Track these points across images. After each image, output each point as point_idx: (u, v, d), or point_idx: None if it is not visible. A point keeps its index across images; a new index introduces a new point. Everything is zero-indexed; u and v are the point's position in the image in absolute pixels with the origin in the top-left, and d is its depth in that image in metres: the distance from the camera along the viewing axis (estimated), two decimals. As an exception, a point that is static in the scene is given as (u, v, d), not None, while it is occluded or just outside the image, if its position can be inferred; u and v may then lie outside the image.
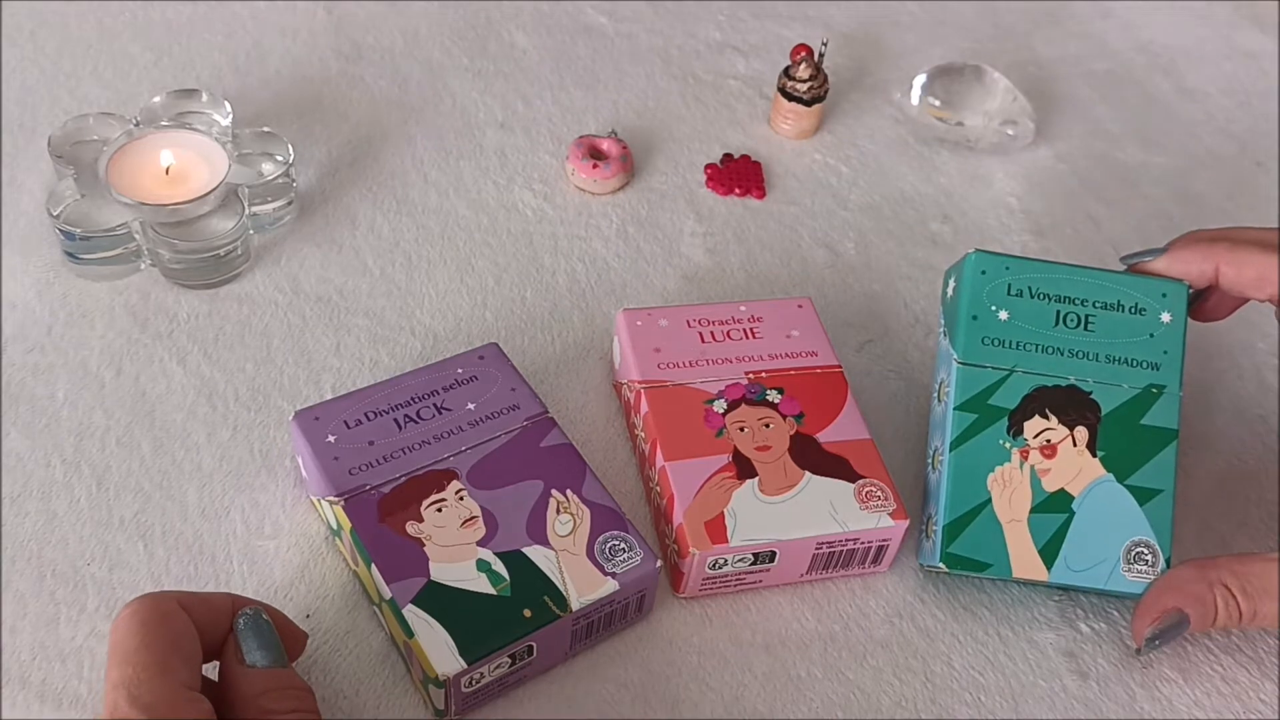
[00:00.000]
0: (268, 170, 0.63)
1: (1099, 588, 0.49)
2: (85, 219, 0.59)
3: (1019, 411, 0.51)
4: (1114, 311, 0.53)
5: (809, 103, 0.73)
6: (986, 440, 0.51)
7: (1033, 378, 0.52)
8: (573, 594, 0.46)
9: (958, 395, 0.52)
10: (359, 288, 0.62)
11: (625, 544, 0.48)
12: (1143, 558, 0.50)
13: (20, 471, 0.52)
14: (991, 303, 0.53)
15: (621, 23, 0.81)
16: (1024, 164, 0.75)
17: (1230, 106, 0.82)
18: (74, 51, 0.73)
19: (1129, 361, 0.52)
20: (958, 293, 0.54)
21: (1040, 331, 0.52)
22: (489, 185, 0.69)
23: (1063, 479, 0.51)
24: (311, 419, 0.50)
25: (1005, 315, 0.52)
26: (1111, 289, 0.53)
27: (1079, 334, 0.52)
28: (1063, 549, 0.49)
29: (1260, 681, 0.51)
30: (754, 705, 0.48)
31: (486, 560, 0.47)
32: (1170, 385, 0.52)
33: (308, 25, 0.77)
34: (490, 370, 0.53)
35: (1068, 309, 0.53)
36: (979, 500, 0.50)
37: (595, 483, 0.50)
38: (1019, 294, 0.53)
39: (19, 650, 0.47)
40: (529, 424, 0.51)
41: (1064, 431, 0.51)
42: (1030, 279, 0.53)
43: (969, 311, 0.53)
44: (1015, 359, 0.52)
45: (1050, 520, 0.50)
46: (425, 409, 0.51)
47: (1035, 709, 0.49)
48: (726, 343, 0.56)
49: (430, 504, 0.48)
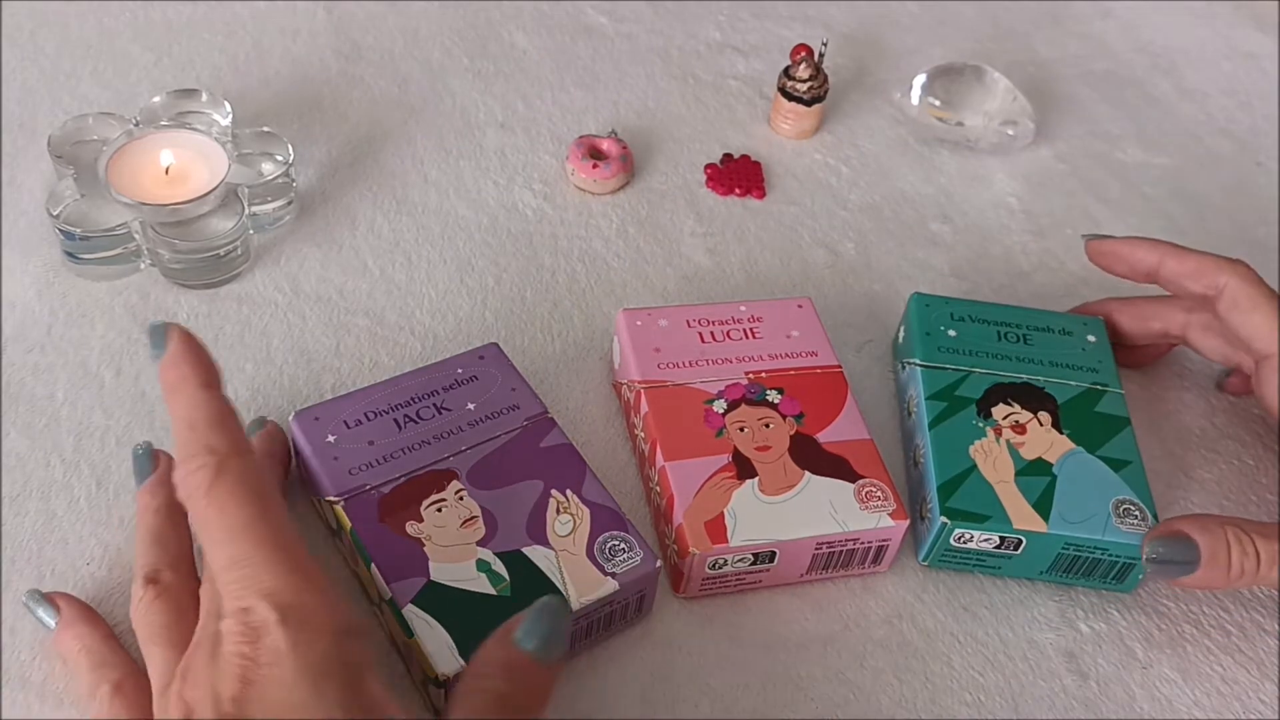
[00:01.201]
0: (268, 170, 0.63)
1: (1098, 538, 0.50)
2: (85, 219, 0.59)
3: (984, 400, 0.55)
4: (1046, 333, 0.59)
5: (809, 103, 0.73)
6: (960, 421, 0.54)
7: (989, 376, 0.56)
8: (573, 594, 0.46)
9: (925, 390, 0.55)
10: (359, 288, 0.62)
11: (625, 544, 0.48)
12: (1131, 514, 0.51)
13: (20, 471, 0.52)
14: (940, 324, 0.58)
15: (621, 23, 0.81)
16: (1024, 164, 0.75)
17: (1230, 106, 0.82)
18: (74, 51, 0.73)
19: (1070, 366, 0.57)
20: (908, 326, 0.59)
21: (987, 344, 0.58)
22: (489, 185, 0.69)
23: (1038, 450, 0.53)
24: (311, 419, 0.50)
25: (954, 334, 0.58)
26: (1040, 318, 0.59)
27: (1021, 346, 0.58)
28: (1054, 505, 0.51)
29: (1260, 681, 0.51)
30: (754, 705, 0.48)
31: (486, 560, 0.47)
32: (1112, 385, 0.57)
33: (308, 25, 0.77)
34: (490, 370, 0.53)
35: (1006, 329, 0.58)
36: (965, 467, 0.52)
37: (595, 483, 0.50)
38: (962, 319, 0.59)
39: (19, 650, 0.47)
40: (529, 424, 0.51)
41: (1029, 415, 0.55)
42: (969, 310, 0.59)
43: (921, 330, 0.58)
44: (971, 363, 0.57)
45: (1036, 481, 0.52)
46: (425, 409, 0.51)
47: (1035, 709, 0.49)
48: (726, 343, 0.56)
49: (430, 504, 0.48)
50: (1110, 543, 0.50)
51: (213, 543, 0.39)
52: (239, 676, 0.37)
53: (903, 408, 0.58)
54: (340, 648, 0.37)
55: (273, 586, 0.37)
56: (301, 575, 0.38)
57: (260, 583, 0.38)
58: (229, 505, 0.39)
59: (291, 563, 0.38)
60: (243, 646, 0.37)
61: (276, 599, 0.37)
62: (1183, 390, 0.63)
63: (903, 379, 0.59)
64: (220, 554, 0.38)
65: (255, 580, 0.38)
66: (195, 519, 0.39)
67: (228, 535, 0.38)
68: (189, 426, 0.40)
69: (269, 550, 0.38)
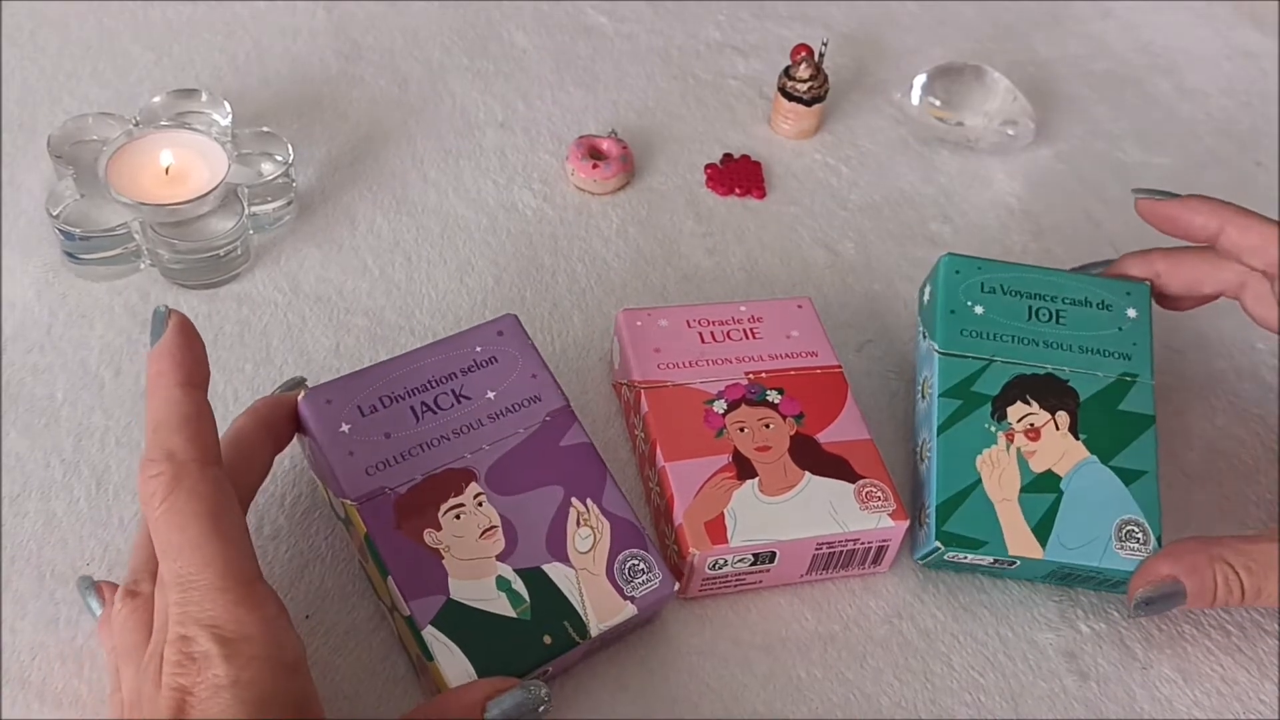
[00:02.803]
0: (267, 170, 0.63)
1: (1094, 565, 0.49)
2: (85, 219, 0.59)
3: (1001, 397, 0.53)
4: (1083, 307, 0.55)
5: (809, 103, 0.73)
6: (972, 424, 0.52)
7: (1011, 366, 0.54)
8: (592, 620, 0.45)
9: (940, 383, 0.53)
10: (359, 288, 0.62)
11: (645, 564, 0.47)
12: (1134, 536, 0.50)
13: (20, 471, 0.52)
14: (967, 299, 0.55)
15: (621, 23, 0.81)
16: (1024, 164, 0.75)
17: (1230, 106, 0.82)
18: (74, 51, 0.73)
19: (1101, 352, 0.54)
20: (934, 294, 0.56)
21: (1015, 324, 0.55)
22: (489, 185, 0.69)
23: (1049, 460, 0.52)
24: (323, 401, 0.48)
25: (980, 310, 0.55)
26: (1079, 287, 0.56)
27: (1052, 326, 0.55)
28: (1055, 527, 0.50)
29: (1260, 682, 0.51)
30: (753, 705, 0.48)
31: (507, 579, 0.46)
32: (1142, 375, 0.54)
33: (308, 25, 0.77)
34: (510, 351, 0.51)
35: (1039, 304, 0.55)
36: (969, 481, 0.51)
37: (615, 490, 0.49)
38: (992, 290, 0.55)
39: (19, 650, 0.47)
40: (549, 419, 0.50)
41: (1045, 416, 0.53)
42: (1002, 278, 0.56)
43: (946, 307, 0.55)
44: (993, 349, 0.54)
45: (1040, 500, 0.51)
46: (443, 395, 0.49)
47: (1035, 709, 0.49)
48: (726, 343, 0.56)
49: (448, 509, 0.47)
50: (1106, 569, 0.50)
51: (162, 554, 0.38)
52: (177, 707, 0.36)
53: (917, 386, 0.56)
54: (282, 683, 0.37)
55: (215, 616, 0.37)
56: (247, 607, 0.37)
57: (203, 610, 0.37)
58: (180, 518, 0.38)
59: (238, 591, 0.37)
60: (181, 678, 0.36)
61: (219, 631, 0.37)
62: (1183, 390, 0.63)
63: (922, 350, 0.56)
64: (168, 568, 0.38)
65: (198, 607, 0.37)
66: (149, 526, 0.39)
67: (176, 550, 0.38)
68: (154, 427, 0.40)
69: (215, 573, 0.37)
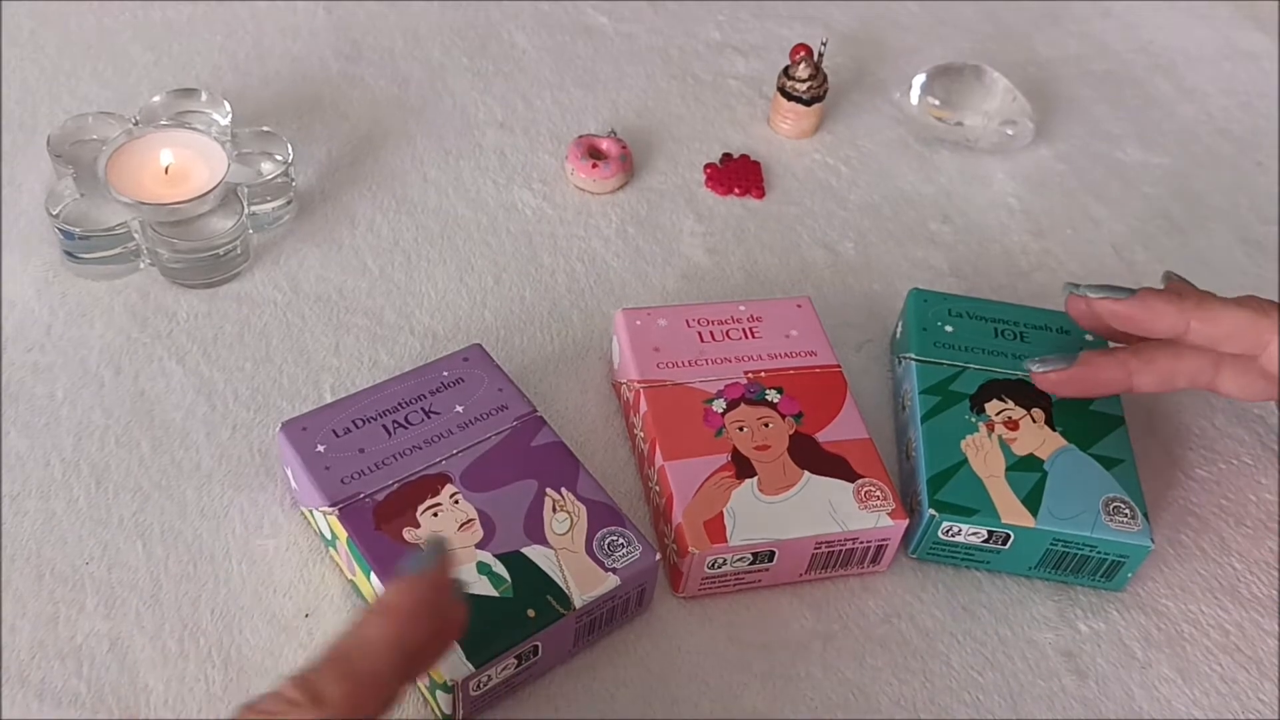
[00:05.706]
0: (267, 170, 0.63)
1: (1086, 534, 0.50)
2: (85, 218, 0.59)
3: (977, 396, 0.55)
4: (1043, 331, 0.58)
5: (808, 103, 0.73)
6: (953, 415, 0.54)
7: (984, 372, 0.56)
8: (575, 592, 0.46)
9: (920, 384, 0.55)
10: (358, 287, 0.62)
11: (623, 539, 0.48)
12: (1121, 511, 0.51)
13: (19, 471, 0.52)
14: (937, 320, 0.58)
15: (621, 23, 0.81)
16: (1024, 164, 0.75)
17: (1230, 106, 0.82)
18: (74, 51, 0.73)
19: None
20: (905, 323, 0.59)
21: (983, 339, 0.58)
22: (489, 185, 0.69)
23: (1030, 446, 0.54)
24: (299, 429, 0.50)
25: (950, 329, 0.58)
26: (1038, 316, 0.59)
27: (1017, 344, 0.58)
28: (1044, 499, 0.51)
29: (1260, 681, 0.51)
30: (753, 705, 0.48)
31: (486, 563, 0.46)
32: None
33: (308, 25, 0.77)
34: (476, 372, 0.53)
35: (1003, 326, 0.58)
36: (955, 460, 0.52)
37: (589, 479, 0.50)
38: (959, 315, 0.59)
39: (19, 650, 0.47)
40: (519, 424, 0.51)
41: (1022, 411, 0.55)
42: (966, 307, 0.59)
43: (918, 326, 0.58)
44: (966, 358, 0.57)
45: (1026, 477, 0.52)
46: (413, 413, 0.51)
47: (1034, 709, 0.49)
48: (726, 342, 0.56)
49: (426, 509, 0.48)
50: (1099, 540, 0.50)
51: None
52: None
53: (897, 402, 0.58)
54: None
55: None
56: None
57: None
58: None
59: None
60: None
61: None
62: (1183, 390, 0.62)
63: (899, 374, 0.59)
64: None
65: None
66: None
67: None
68: (332, 655, 0.36)
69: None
